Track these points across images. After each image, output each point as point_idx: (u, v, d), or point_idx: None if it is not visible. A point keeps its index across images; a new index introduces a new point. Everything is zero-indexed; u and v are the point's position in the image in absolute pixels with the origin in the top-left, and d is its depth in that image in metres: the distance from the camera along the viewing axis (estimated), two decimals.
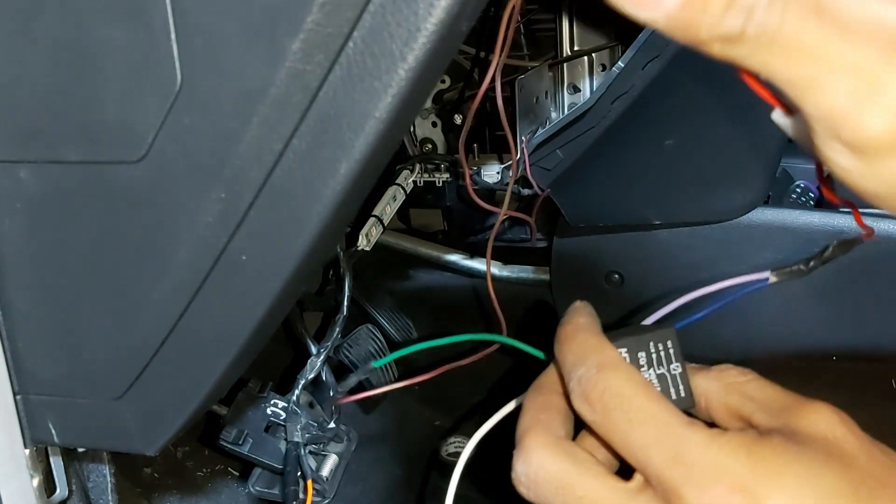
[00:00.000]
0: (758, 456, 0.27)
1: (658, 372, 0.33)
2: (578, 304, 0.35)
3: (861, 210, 0.34)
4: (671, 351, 0.33)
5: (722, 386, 0.33)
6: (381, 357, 0.80)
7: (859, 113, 0.22)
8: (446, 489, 0.38)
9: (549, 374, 0.34)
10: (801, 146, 0.26)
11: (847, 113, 0.22)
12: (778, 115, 0.27)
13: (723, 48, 0.23)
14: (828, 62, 0.22)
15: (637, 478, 0.29)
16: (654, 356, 0.33)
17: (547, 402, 0.33)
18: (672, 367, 0.33)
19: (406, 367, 0.92)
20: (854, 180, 0.23)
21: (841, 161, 0.23)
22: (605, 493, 0.29)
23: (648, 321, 0.36)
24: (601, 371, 0.30)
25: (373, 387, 0.80)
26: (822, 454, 0.28)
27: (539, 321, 0.85)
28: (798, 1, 0.22)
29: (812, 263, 0.35)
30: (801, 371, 0.74)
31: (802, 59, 0.22)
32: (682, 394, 0.33)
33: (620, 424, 0.29)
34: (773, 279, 0.36)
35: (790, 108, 0.26)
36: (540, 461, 0.31)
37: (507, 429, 0.36)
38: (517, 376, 0.37)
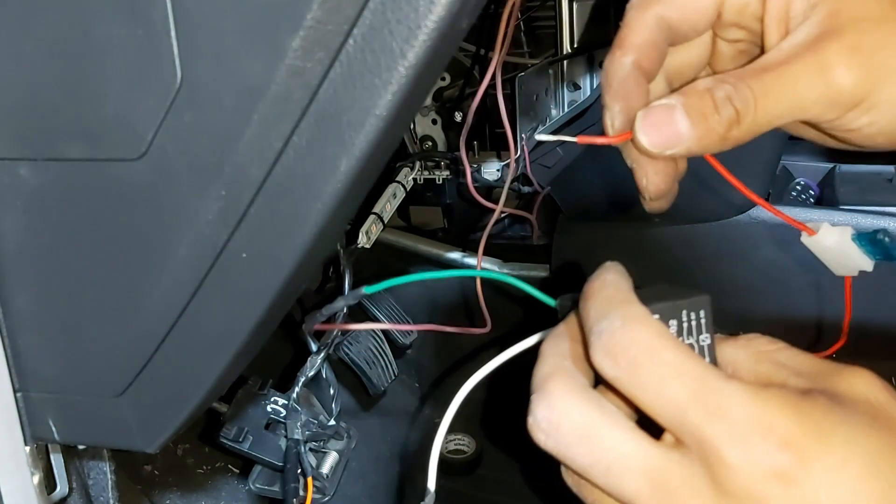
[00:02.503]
0: (805, 413, 0.26)
1: (687, 342, 0.31)
2: (609, 262, 0.32)
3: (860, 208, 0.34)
4: (703, 321, 0.31)
5: (751, 354, 0.31)
6: (380, 354, 0.81)
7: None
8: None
9: (570, 322, 0.32)
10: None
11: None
12: (805, 238, 0.34)
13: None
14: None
15: (667, 437, 0.28)
16: (685, 325, 0.31)
17: (569, 350, 0.31)
18: (702, 337, 0.31)
19: (407, 368, 0.92)
20: None
21: None
22: (633, 447, 0.27)
23: None
24: (626, 324, 0.28)
25: (373, 385, 0.80)
26: (867, 417, 0.26)
27: (539, 319, 0.85)
28: None
29: None
30: None
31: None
32: None
33: (651, 380, 0.27)
34: None
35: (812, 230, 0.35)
36: (564, 407, 0.28)
37: (509, 426, 0.35)
38: (518, 375, 0.37)
